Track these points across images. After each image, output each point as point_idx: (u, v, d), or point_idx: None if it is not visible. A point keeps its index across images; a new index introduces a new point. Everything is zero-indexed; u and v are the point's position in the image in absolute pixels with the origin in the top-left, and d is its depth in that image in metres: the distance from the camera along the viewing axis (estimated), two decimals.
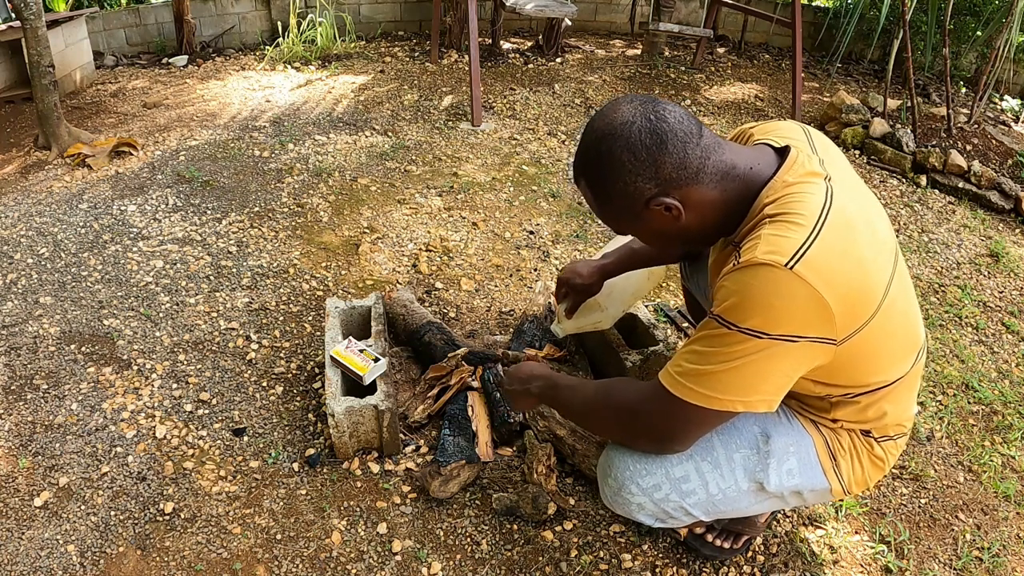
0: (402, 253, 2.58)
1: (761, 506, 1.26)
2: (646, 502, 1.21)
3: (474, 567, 1.51)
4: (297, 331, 2.16)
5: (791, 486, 1.21)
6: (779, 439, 1.20)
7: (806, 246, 0.97)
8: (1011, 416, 2.05)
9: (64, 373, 1.96)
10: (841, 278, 0.98)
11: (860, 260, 1.02)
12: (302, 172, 3.11)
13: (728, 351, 1.00)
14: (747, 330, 0.98)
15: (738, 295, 0.99)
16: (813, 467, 1.21)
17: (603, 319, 1.75)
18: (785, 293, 0.96)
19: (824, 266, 0.97)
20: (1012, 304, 2.61)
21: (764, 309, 0.97)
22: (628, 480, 1.21)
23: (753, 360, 0.99)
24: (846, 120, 3.87)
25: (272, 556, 1.51)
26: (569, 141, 3.62)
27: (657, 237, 1.14)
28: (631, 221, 1.12)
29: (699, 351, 1.04)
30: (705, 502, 1.22)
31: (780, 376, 1.03)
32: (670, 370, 1.08)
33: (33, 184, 2.95)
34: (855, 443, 1.22)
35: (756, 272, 0.97)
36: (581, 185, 1.14)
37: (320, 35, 4.72)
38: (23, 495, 1.62)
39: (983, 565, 1.60)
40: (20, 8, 2.92)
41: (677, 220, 1.07)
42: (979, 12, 4.58)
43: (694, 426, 1.10)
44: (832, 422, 1.20)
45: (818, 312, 0.97)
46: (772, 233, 1.00)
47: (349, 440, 1.69)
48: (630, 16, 5.23)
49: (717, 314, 1.01)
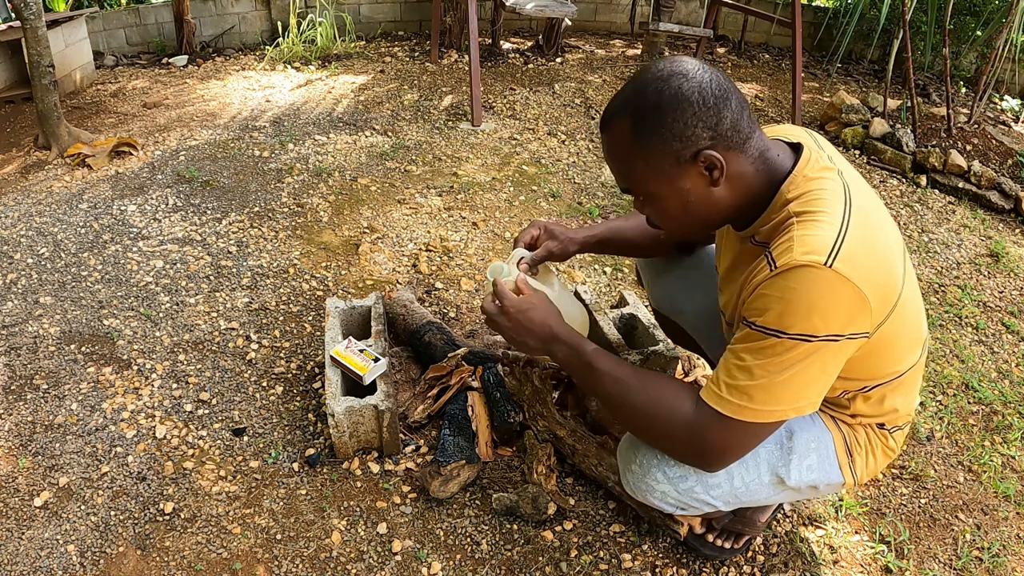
0: (402, 253, 2.58)
1: (778, 498, 1.27)
2: (670, 491, 1.21)
3: (474, 567, 1.51)
4: (297, 331, 2.16)
5: (809, 481, 1.23)
6: (802, 436, 1.21)
7: (839, 242, 0.97)
8: (1011, 416, 2.05)
9: (64, 373, 1.96)
10: (873, 271, 0.99)
11: (883, 252, 1.03)
12: (302, 172, 3.11)
13: (779, 360, 0.99)
14: (797, 336, 0.97)
15: (783, 301, 0.97)
16: (831, 463, 1.23)
17: None
18: (828, 292, 0.95)
19: (858, 260, 0.97)
20: (1012, 304, 2.61)
21: (811, 312, 0.96)
22: (655, 467, 1.20)
23: (805, 365, 0.99)
24: (846, 120, 3.87)
25: (272, 556, 1.51)
26: (569, 141, 3.62)
27: (674, 207, 1.08)
28: (660, 175, 1.05)
29: (746, 366, 1.02)
30: (728, 494, 1.22)
31: (827, 377, 1.03)
32: (717, 391, 1.05)
33: (33, 184, 2.95)
34: (870, 438, 1.24)
35: (798, 275, 0.96)
36: (617, 126, 1.05)
37: (320, 35, 4.72)
38: (23, 495, 1.62)
39: (983, 565, 1.60)
40: (20, 8, 2.92)
41: (710, 187, 1.05)
42: (979, 12, 4.58)
43: (749, 443, 1.08)
44: (851, 418, 1.22)
45: (860, 307, 0.97)
46: (804, 233, 0.99)
47: (349, 440, 1.69)
48: (630, 16, 5.23)
49: (762, 325, 0.99)
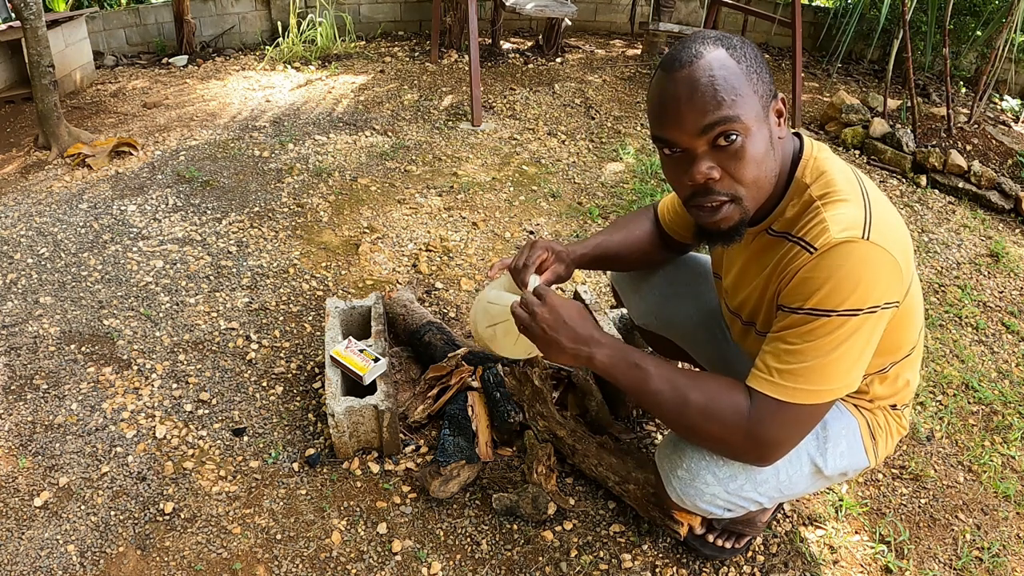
0: (402, 253, 2.58)
1: (813, 488, 1.28)
2: (720, 492, 1.19)
3: (474, 567, 1.51)
4: (297, 331, 2.16)
5: (841, 468, 1.25)
6: (833, 424, 1.23)
7: (868, 216, 0.99)
8: (1011, 416, 2.05)
9: (64, 373, 1.96)
10: (899, 240, 1.01)
11: (898, 222, 1.05)
12: (302, 172, 3.11)
13: (831, 339, 0.99)
14: (845, 312, 0.98)
15: (831, 280, 0.98)
16: (858, 448, 1.25)
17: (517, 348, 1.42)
18: (871, 265, 0.97)
19: (886, 231, 0.99)
20: (1012, 304, 2.61)
21: (857, 286, 0.97)
22: (704, 470, 1.18)
23: (853, 341, 1.00)
24: (846, 120, 3.87)
25: (272, 556, 1.51)
26: (569, 141, 3.62)
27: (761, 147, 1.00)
28: (762, 104, 1.00)
29: (797, 349, 1.01)
30: (774, 489, 1.22)
31: (869, 351, 1.04)
32: (769, 378, 1.03)
33: (33, 184, 2.95)
34: (887, 419, 1.27)
35: (841, 252, 0.97)
36: (711, 55, 0.96)
37: (320, 35, 4.72)
38: (23, 495, 1.62)
39: (983, 565, 1.60)
40: (20, 8, 2.92)
41: (779, 137, 1.05)
42: (979, 12, 4.58)
43: (805, 428, 1.06)
44: (869, 402, 1.24)
45: (897, 276, 1.00)
46: (834, 213, 1.01)
47: (349, 440, 1.69)
48: (630, 16, 5.23)
49: (812, 307, 0.99)
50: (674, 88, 0.98)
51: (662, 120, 1.01)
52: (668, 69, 0.99)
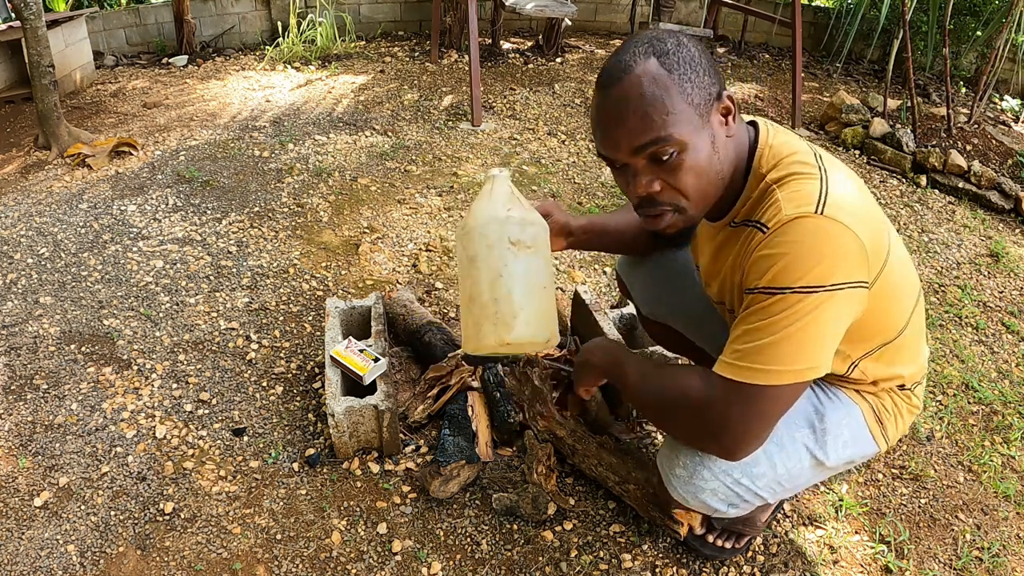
0: (402, 253, 2.58)
1: (819, 478, 1.27)
2: (719, 487, 1.20)
3: (474, 567, 1.51)
4: (297, 331, 2.16)
5: (846, 457, 1.23)
6: (832, 415, 1.21)
7: (824, 191, 0.97)
8: (1011, 416, 2.05)
9: (64, 373, 1.96)
10: (861, 214, 0.98)
11: (864, 198, 1.03)
12: (302, 172, 3.11)
13: (787, 315, 0.96)
14: (802, 289, 0.95)
15: (784, 257, 0.96)
16: (864, 435, 1.22)
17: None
18: (826, 239, 0.94)
19: (845, 205, 0.97)
20: (1012, 304, 2.61)
21: (812, 261, 0.94)
22: (699, 465, 1.19)
23: (813, 318, 0.95)
24: (846, 120, 3.87)
25: (272, 556, 1.51)
26: (569, 141, 3.62)
27: (704, 156, 1.00)
28: (698, 114, 0.98)
29: (753, 328, 0.99)
30: (773, 482, 1.21)
31: (836, 332, 1.00)
32: (726, 360, 1.02)
33: (33, 184, 2.95)
34: (895, 401, 1.24)
35: (792, 228, 0.96)
36: (641, 68, 0.96)
37: (320, 35, 4.72)
38: (23, 495, 1.62)
39: (983, 565, 1.60)
40: (20, 8, 2.92)
41: (727, 136, 1.02)
42: (979, 12, 4.58)
43: (769, 413, 1.02)
44: (873, 385, 1.21)
45: (857, 252, 0.96)
46: (789, 191, 0.99)
47: (349, 440, 1.69)
48: (630, 16, 5.22)
49: (766, 286, 0.97)
50: (605, 109, 1.00)
51: (600, 139, 1.04)
52: (601, 86, 1.01)
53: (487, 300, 1.13)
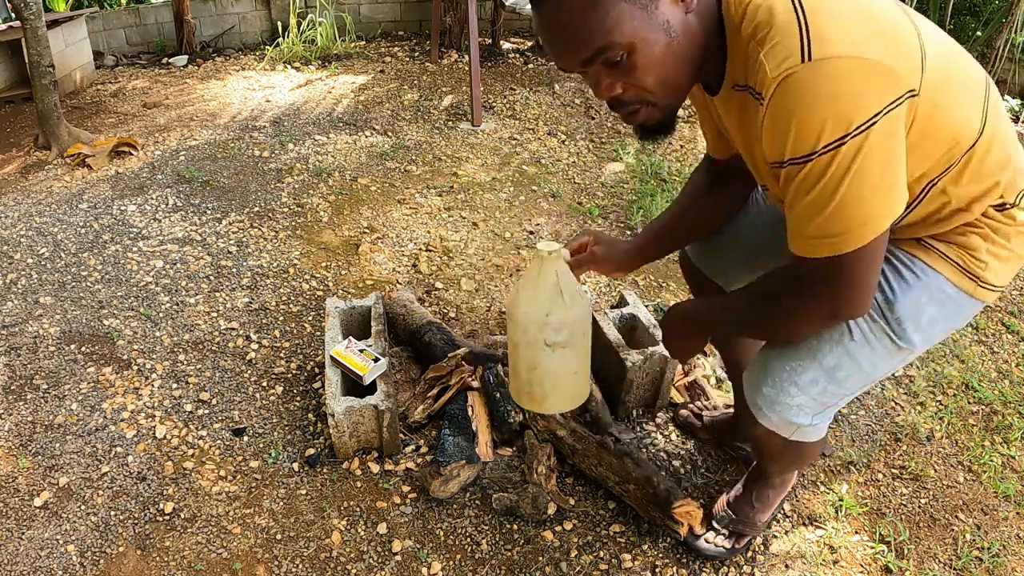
0: (402, 253, 2.58)
1: (910, 359, 1.20)
2: (807, 401, 1.19)
3: (474, 567, 1.51)
4: (297, 331, 2.16)
5: (940, 332, 1.15)
6: (904, 300, 1.11)
7: (803, 30, 0.86)
8: (1011, 416, 2.05)
9: (64, 373, 1.96)
10: (860, 27, 0.87)
11: (859, 9, 0.90)
12: (302, 172, 3.11)
13: (829, 180, 0.89)
14: (824, 148, 0.87)
15: (791, 123, 0.88)
16: (955, 301, 1.12)
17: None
18: (824, 84, 0.85)
19: (835, 30, 0.86)
20: (1012, 304, 2.61)
21: (821, 115, 0.86)
22: (786, 381, 1.18)
23: (858, 169, 0.87)
24: None
25: (272, 556, 1.51)
26: (569, 141, 3.62)
27: (660, 49, 0.93)
28: (640, 9, 0.90)
29: (808, 204, 0.92)
30: (861, 380, 1.19)
31: (893, 163, 0.91)
32: (804, 240, 0.96)
33: (33, 184, 2.95)
34: (992, 231, 1.08)
35: (784, 89, 0.87)
36: None
37: (320, 35, 4.72)
38: (23, 495, 1.62)
39: (983, 565, 1.60)
40: (20, 8, 2.92)
41: (685, 14, 0.93)
42: (979, 12, 4.58)
43: (864, 273, 0.96)
44: (965, 212, 1.06)
45: (871, 74, 0.85)
46: (767, 49, 0.89)
47: (349, 440, 1.69)
48: None
49: (791, 158, 0.90)
50: (545, 27, 0.95)
51: (551, 56, 1.00)
52: (535, 5, 0.95)
53: (524, 380, 1.27)
